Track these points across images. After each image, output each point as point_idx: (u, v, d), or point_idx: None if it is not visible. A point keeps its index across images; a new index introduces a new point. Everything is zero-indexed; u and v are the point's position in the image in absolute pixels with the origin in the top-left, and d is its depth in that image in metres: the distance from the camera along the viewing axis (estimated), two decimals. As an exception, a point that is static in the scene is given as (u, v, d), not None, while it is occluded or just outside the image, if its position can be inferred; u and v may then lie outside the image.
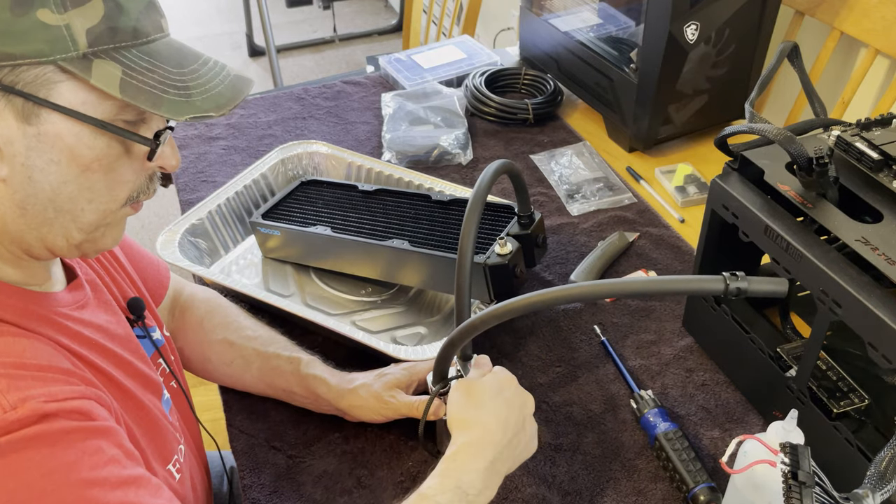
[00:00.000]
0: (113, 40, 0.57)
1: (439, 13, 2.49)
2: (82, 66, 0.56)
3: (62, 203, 0.60)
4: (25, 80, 0.55)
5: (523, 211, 1.01)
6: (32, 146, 0.57)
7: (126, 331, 0.75)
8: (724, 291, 0.60)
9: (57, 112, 0.56)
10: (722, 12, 1.22)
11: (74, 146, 0.58)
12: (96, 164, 0.59)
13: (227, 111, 0.61)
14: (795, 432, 0.65)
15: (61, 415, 0.56)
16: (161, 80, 0.59)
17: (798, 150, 0.75)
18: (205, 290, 1.01)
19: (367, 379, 0.88)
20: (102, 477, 0.56)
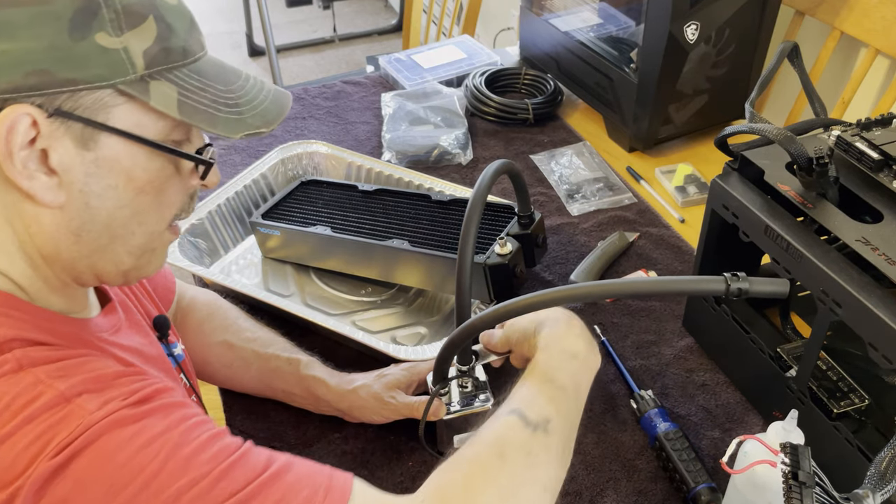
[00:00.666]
0: (166, 61, 0.57)
1: (439, 13, 2.49)
2: (140, 88, 0.55)
3: (116, 229, 0.59)
4: (84, 105, 0.54)
5: (523, 211, 1.01)
6: (91, 172, 0.56)
7: (158, 350, 0.75)
8: (725, 292, 0.60)
9: (115, 135, 0.56)
10: (722, 12, 1.22)
11: (131, 169, 0.57)
12: (149, 186, 0.59)
13: (275, 126, 0.62)
14: (795, 432, 0.65)
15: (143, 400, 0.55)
16: (213, 99, 0.59)
17: (798, 150, 0.75)
18: (205, 292, 1.01)
19: (367, 379, 0.88)
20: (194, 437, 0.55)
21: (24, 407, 0.50)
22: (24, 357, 0.53)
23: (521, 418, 0.63)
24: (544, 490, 0.60)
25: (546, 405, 0.64)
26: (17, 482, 0.48)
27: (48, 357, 0.54)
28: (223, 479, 0.52)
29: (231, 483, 0.52)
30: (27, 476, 0.48)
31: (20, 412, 0.50)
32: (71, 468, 0.49)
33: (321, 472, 0.57)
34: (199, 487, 0.51)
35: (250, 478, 0.53)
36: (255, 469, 0.54)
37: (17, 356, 0.52)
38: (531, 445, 0.61)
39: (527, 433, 0.62)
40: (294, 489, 0.54)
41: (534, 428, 0.62)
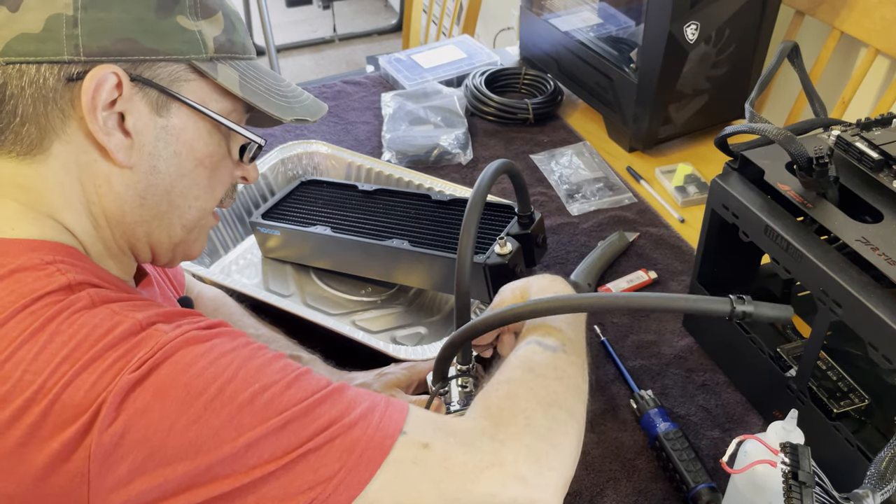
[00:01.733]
0: (231, 51, 0.64)
1: (439, 13, 2.49)
2: (210, 67, 0.62)
3: (175, 197, 0.64)
4: (161, 76, 0.60)
5: (523, 211, 1.01)
6: (160, 136, 0.61)
7: None
8: (730, 314, 0.60)
9: (185, 106, 0.61)
10: (722, 12, 1.22)
11: (194, 140, 0.63)
12: (208, 160, 0.65)
13: (317, 119, 0.69)
14: (795, 432, 0.65)
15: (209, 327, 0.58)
16: (267, 88, 0.66)
17: (798, 150, 0.75)
18: (211, 288, 1.02)
19: (366, 378, 0.88)
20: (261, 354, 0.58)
21: (105, 335, 0.53)
22: (96, 295, 0.56)
23: (538, 344, 0.68)
24: (577, 398, 0.65)
25: (557, 334, 0.69)
26: (100, 397, 0.50)
27: (119, 297, 0.57)
28: (292, 387, 0.55)
29: (300, 391, 0.55)
30: (109, 390, 0.50)
31: (101, 339, 0.52)
32: (150, 379, 0.52)
33: (381, 395, 0.60)
34: (270, 392, 0.54)
35: (317, 388, 0.56)
36: (320, 382, 0.57)
37: (91, 294, 0.55)
38: (556, 362, 0.66)
39: (549, 353, 0.67)
40: (357, 399, 0.57)
41: (553, 350, 0.67)
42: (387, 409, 0.57)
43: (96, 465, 0.50)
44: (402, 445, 0.56)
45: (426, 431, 0.58)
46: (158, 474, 0.51)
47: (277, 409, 0.54)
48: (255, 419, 0.53)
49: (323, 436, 0.54)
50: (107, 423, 0.50)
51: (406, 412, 0.58)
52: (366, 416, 0.56)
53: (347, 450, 0.54)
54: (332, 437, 0.54)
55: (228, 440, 0.52)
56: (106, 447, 0.50)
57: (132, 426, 0.50)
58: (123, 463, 0.50)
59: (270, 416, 0.53)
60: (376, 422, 0.56)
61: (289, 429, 0.53)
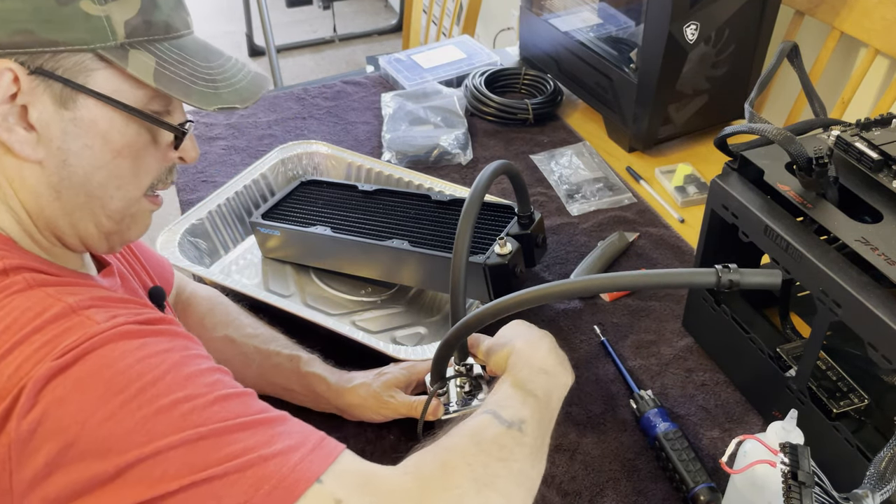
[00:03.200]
0: (147, 33, 0.60)
1: (439, 13, 2.49)
2: (119, 55, 0.58)
3: (93, 189, 0.62)
4: (65, 67, 0.57)
5: (523, 211, 1.01)
6: (68, 130, 0.59)
7: None
8: (716, 284, 0.60)
9: (93, 98, 0.58)
10: (722, 12, 1.22)
11: (107, 132, 0.60)
12: (126, 150, 0.62)
13: (250, 104, 0.64)
14: (795, 432, 0.65)
15: (149, 322, 0.57)
16: (191, 73, 0.62)
17: (798, 150, 0.75)
18: (206, 287, 1.02)
19: (366, 378, 0.88)
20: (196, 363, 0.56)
21: (34, 318, 0.52)
22: (32, 279, 0.55)
23: (495, 417, 0.64)
24: (518, 485, 0.61)
25: (519, 408, 0.66)
26: (21, 382, 0.50)
27: (57, 281, 0.56)
28: (218, 404, 0.54)
29: (224, 410, 0.54)
30: (30, 376, 0.50)
31: (30, 323, 0.52)
32: (73, 370, 0.51)
33: (315, 432, 0.58)
34: (193, 403, 0.53)
35: (245, 412, 0.55)
36: (250, 407, 0.56)
37: (26, 278, 0.55)
38: (505, 440, 0.63)
39: (501, 429, 0.63)
40: (284, 434, 0.55)
41: (508, 425, 0.64)
42: (312, 451, 0.54)
43: (16, 453, 0.49)
44: (313, 494, 0.52)
45: (345, 485, 0.54)
46: (73, 469, 0.50)
47: (194, 423, 0.52)
48: (168, 427, 0.51)
49: (234, 463, 0.51)
50: (25, 409, 0.49)
51: (332, 459, 0.55)
52: (285, 454, 0.53)
53: (255, 485, 0.51)
54: (243, 467, 0.51)
55: (137, 444, 0.50)
56: (23, 435, 0.49)
57: (49, 415, 0.50)
58: (40, 454, 0.49)
59: (186, 427, 0.51)
60: (294, 462, 0.53)
61: (200, 446, 0.51)
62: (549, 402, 0.69)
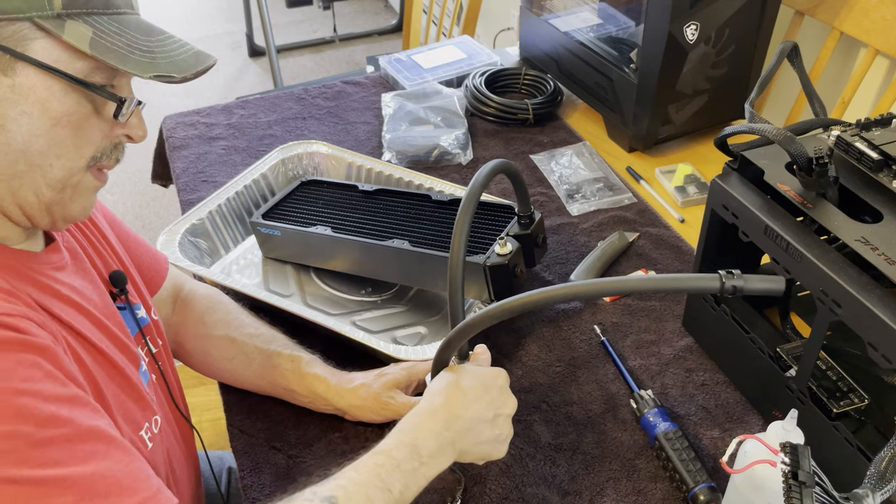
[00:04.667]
0: (86, 6, 0.61)
1: (439, 13, 2.49)
2: (56, 24, 0.60)
3: (32, 157, 0.62)
4: (3, 35, 0.58)
5: (523, 211, 1.01)
6: (7, 97, 0.60)
7: (104, 300, 0.76)
8: (720, 290, 0.60)
9: (31, 66, 0.60)
10: (722, 12, 1.22)
11: (46, 100, 0.61)
12: (66, 119, 0.62)
13: (188, 75, 0.64)
14: (795, 432, 0.65)
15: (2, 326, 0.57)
16: (128, 43, 0.63)
17: (798, 150, 0.75)
18: (205, 286, 1.02)
19: (366, 379, 0.88)
20: (36, 389, 0.57)
21: None
22: None
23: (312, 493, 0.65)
24: None
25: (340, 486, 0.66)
26: None
27: None
28: (39, 449, 0.55)
29: (44, 456, 0.54)
30: None
31: None
32: None
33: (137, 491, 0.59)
34: (13, 443, 0.54)
35: (63, 460, 0.55)
36: (73, 456, 0.56)
37: None
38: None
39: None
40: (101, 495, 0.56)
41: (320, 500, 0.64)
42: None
43: None
44: None
45: None
46: None
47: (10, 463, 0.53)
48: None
49: None
50: None
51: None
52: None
53: None
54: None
55: None
56: None
57: None
58: None
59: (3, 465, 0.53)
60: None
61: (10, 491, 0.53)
62: (402, 494, 0.68)
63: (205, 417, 0.94)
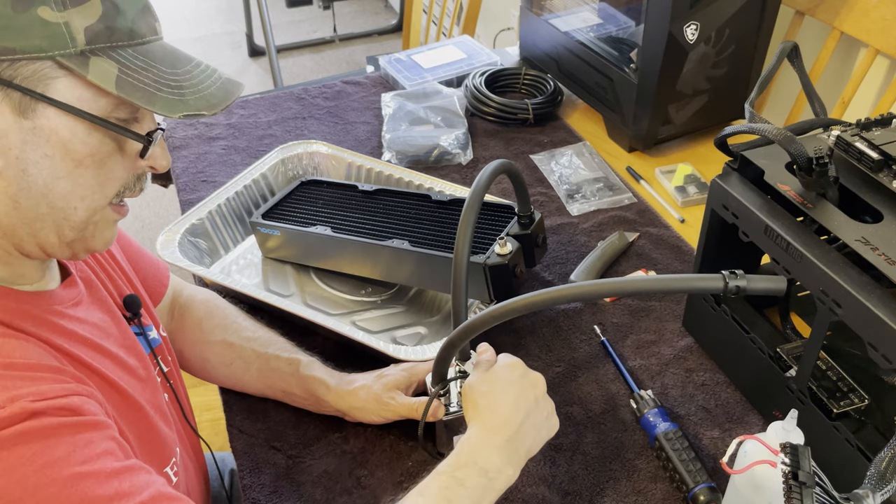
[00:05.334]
0: (110, 39, 0.58)
1: (439, 13, 2.49)
2: (79, 62, 0.57)
3: (55, 199, 0.60)
4: (23, 75, 0.56)
5: (523, 211, 1.01)
6: (28, 140, 0.57)
7: (122, 329, 0.75)
8: (723, 290, 0.60)
9: (53, 107, 0.57)
10: (722, 12, 1.22)
11: (69, 141, 0.59)
12: (89, 159, 0.60)
13: (218, 111, 0.62)
14: (795, 432, 0.65)
15: (50, 412, 0.56)
16: (155, 79, 0.60)
17: (798, 150, 0.75)
18: (204, 290, 1.01)
19: (366, 380, 0.88)
20: (95, 469, 0.56)
21: None
22: None
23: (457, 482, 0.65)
24: None
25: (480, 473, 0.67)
26: None
27: None
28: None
29: None
30: None
31: None
32: None
33: None
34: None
35: None
36: None
37: None
38: None
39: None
40: None
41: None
42: None
43: None
44: None
45: None
46: None
47: None
48: None
49: None
50: None
51: None
52: None
53: None
54: None
55: None
56: None
57: None
58: None
59: None
60: None
61: None
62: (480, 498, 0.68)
63: (205, 417, 0.94)
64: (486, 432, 0.71)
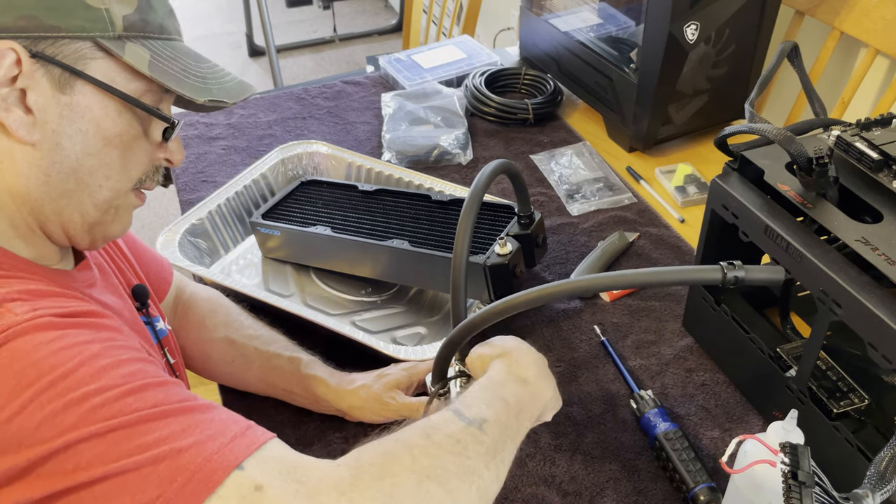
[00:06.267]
0: (143, 30, 0.63)
1: (439, 13, 2.49)
2: (117, 45, 0.61)
3: (83, 175, 0.63)
4: (65, 53, 0.59)
5: (523, 211, 1.01)
6: (64, 114, 0.60)
7: (133, 315, 0.76)
8: (721, 280, 0.60)
9: (90, 84, 0.61)
10: (722, 12, 1.22)
11: (101, 119, 0.62)
12: (118, 139, 0.64)
13: (239, 100, 0.68)
14: (795, 432, 0.65)
15: (74, 314, 0.57)
16: (182, 68, 0.66)
17: (798, 150, 0.75)
18: (207, 288, 1.02)
19: (366, 380, 0.88)
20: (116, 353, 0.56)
21: None
22: None
23: (456, 413, 0.61)
24: (467, 483, 0.57)
25: (485, 408, 0.63)
26: None
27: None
28: (132, 395, 0.53)
29: (139, 401, 0.53)
30: None
31: None
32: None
33: (243, 421, 0.56)
34: (105, 395, 0.52)
35: (161, 402, 0.53)
36: (168, 397, 0.54)
37: None
38: (462, 435, 0.59)
39: (460, 425, 0.60)
40: (204, 423, 0.53)
41: (468, 422, 0.60)
42: (233, 440, 0.53)
43: None
44: (232, 482, 0.50)
45: (268, 472, 0.52)
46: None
47: (106, 415, 0.51)
48: (78, 420, 0.50)
49: (147, 455, 0.50)
50: None
51: (256, 447, 0.53)
52: (203, 443, 0.52)
53: (169, 477, 0.50)
54: (157, 459, 0.50)
55: (48, 438, 0.50)
56: None
57: None
58: None
59: (97, 420, 0.51)
60: (212, 451, 0.51)
61: (110, 437, 0.50)
62: (519, 411, 0.65)
63: (205, 417, 0.94)
64: (511, 352, 0.69)
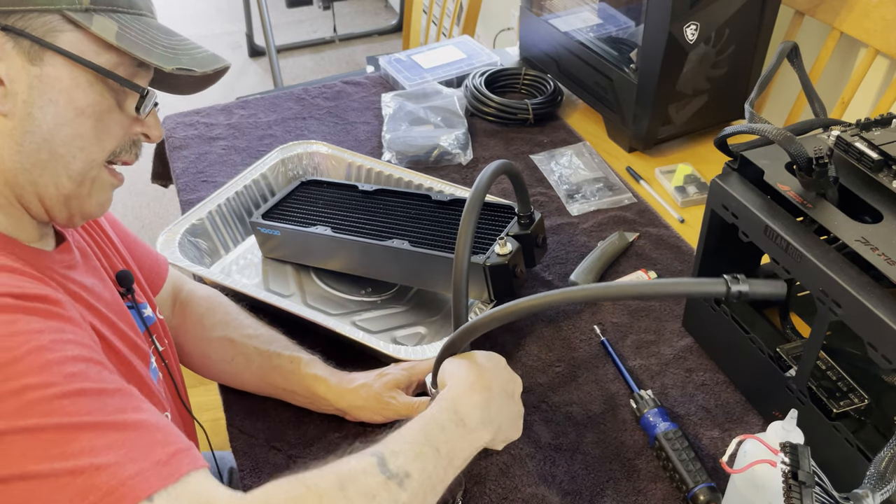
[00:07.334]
0: (111, 4, 0.65)
1: (439, 13, 2.49)
2: (84, 17, 0.63)
3: (56, 146, 0.64)
4: (34, 26, 0.61)
5: (523, 211, 1.01)
6: (34, 85, 0.62)
7: (114, 297, 0.76)
8: (725, 294, 0.60)
9: (59, 56, 0.62)
10: (722, 12, 1.22)
11: (72, 90, 0.63)
12: (90, 109, 0.65)
13: (207, 70, 0.68)
14: (795, 432, 0.65)
15: (27, 298, 0.57)
16: (151, 40, 0.67)
17: (798, 150, 0.75)
18: (205, 287, 1.02)
19: (367, 379, 0.88)
20: (63, 349, 0.55)
21: None
22: None
23: (379, 463, 0.61)
24: None
25: (412, 460, 0.62)
26: None
27: None
28: (69, 399, 0.53)
29: (74, 405, 0.52)
30: None
31: None
32: None
33: (173, 444, 0.55)
34: (42, 393, 0.52)
35: (95, 411, 0.53)
36: (104, 407, 0.54)
37: None
38: (378, 490, 0.59)
39: (380, 479, 0.59)
40: (131, 443, 0.53)
41: (389, 476, 0.60)
42: (154, 467, 0.52)
43: None
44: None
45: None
46: None
47: (39, 412, 0.51)
48: (11, 412, 0.50)
49: (67, 465, 0.50)
50: None
51: (174, 479, 0.52)
52: (121, 465, 0.51)
53: (83, 493, 0.49)
54: (75, 472, 0.49)
55: None
56: None
57: None
58: None
59: (30, 415, 0.50)
60: (128, 475, 0.50)
61: (39, 437, 0.50)
62: (450, 460, 0.65)
63: (204, 417, 0.94)
64: (472, 388, 0.70)
